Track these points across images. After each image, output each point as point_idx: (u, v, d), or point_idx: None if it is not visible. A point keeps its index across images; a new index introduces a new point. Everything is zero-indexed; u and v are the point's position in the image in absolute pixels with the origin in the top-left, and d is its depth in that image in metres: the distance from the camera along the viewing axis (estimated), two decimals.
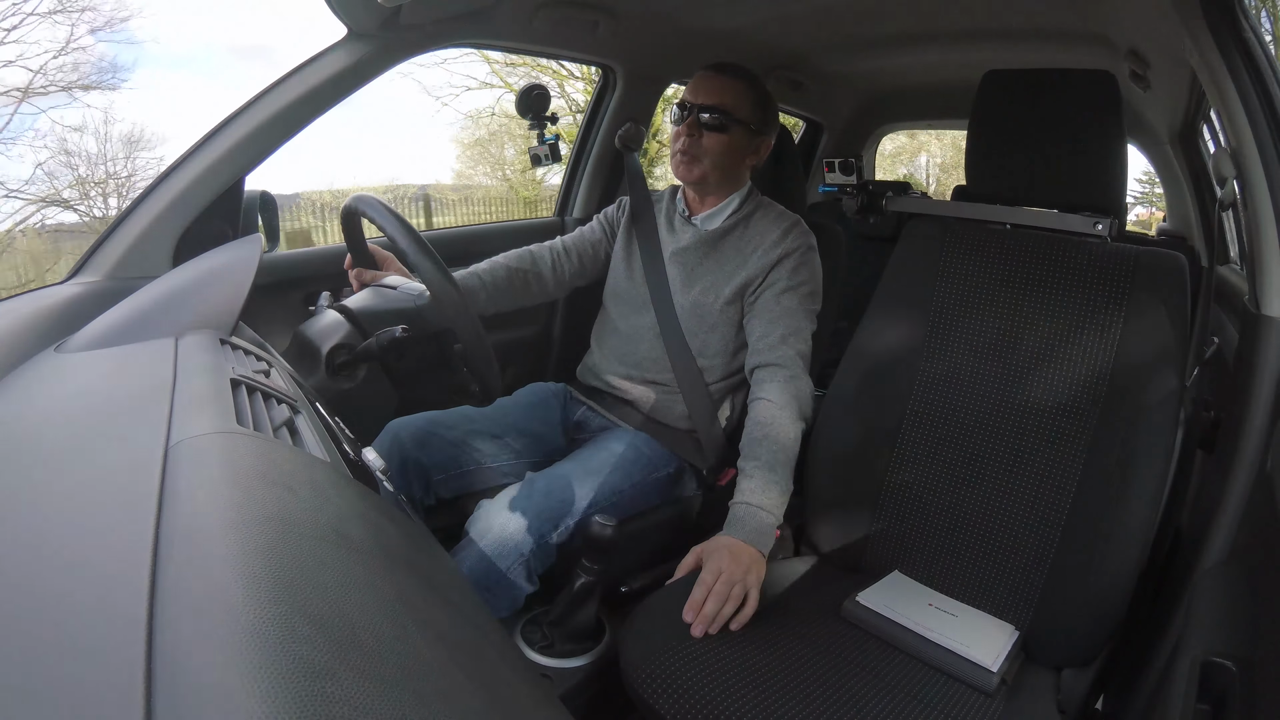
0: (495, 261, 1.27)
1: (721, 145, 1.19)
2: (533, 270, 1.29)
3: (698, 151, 1.19)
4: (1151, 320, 0.92)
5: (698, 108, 1.18)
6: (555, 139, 1.50)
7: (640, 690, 0.81)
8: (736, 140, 1.20)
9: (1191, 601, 0.75)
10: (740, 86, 1.20)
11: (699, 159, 1.19)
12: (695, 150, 1.18)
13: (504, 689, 0.40)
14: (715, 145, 1.19)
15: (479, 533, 1.00)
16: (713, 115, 1.17)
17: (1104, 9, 1.26)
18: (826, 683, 0.83)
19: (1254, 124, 0.84)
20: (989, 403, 1.03)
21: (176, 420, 0.48)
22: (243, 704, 0.25)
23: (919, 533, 1.04)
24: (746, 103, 1.20)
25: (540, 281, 1.30)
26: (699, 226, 1.26)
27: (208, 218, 1.08)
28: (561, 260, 1.32)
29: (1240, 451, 0.82)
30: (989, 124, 1.03)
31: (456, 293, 0.90)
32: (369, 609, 0.34)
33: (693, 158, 1.19)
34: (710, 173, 1.20)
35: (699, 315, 1.21)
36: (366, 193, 0.98)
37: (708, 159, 1.19)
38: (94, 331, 0.76)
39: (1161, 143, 2.07)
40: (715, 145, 1.19)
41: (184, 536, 0.35)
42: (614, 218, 1.36)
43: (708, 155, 1.19)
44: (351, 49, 1.14)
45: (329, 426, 0.65)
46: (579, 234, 1.36)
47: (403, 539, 0.50)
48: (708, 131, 1.18)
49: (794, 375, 1.10)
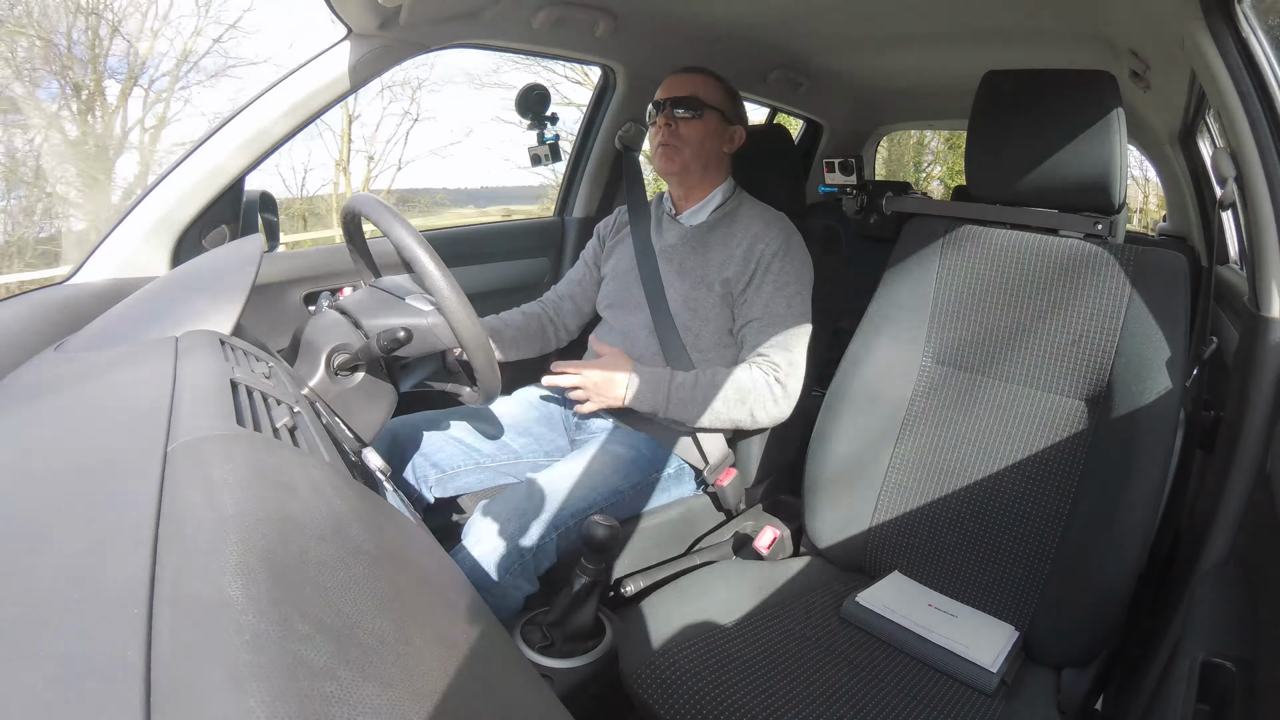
0: (507, 313, 1.36)
1: (698, 132, 1.23)
2: (545, 315, 1.38)
3: (675, 140, 1.23)
4: (1151, 320, 0.92)
5: (670, 101, 1.24)
6: (555, 139, 1.50)
7: (639, 690, 0.81)
8: (711, 126, 1.24)
9: (1191, 602, 0.75)
10: (707, 79, 1.26)
11: (679, 148, 1.24)
12: (673, 140, 1.23)
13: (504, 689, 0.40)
14: (692, 133, 1.23)
15: (479, 533, 1.00)
16: (686, 106, 1.23)
17: (1104, 9, 1.26)
18: (826, 683, 0.83)
19: (1254, 124, 0.84)
20: (988, 403, 1.03)
21: (176, 421, 0.48)
22: (242, 704, 0.25)
23: (919, 533, 1.04)
24: (716, 92, 1.25)
25: (553, 326, 1.38)
26: (684, 224, 1.30)
27: (208, 218, 1.09)
28: (564, 303, 1.40)
29: (1240, 451, 0.82)
30: (989, 124, 1.03)
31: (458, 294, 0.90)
32: (369, 609, 0.34)
33: (674, 148, 1.24)
34: (691, 161, 1.24)
35: (691, 309, 1.23)
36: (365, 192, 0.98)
37: (687, 148, 1.24)
38: (94, 331, 0.76)
39: (1161, 143, 2.06)
40: (692, 133, 1.23)
41: (184, 536, 0.35)
42: (604, 236, 1.42)
43: (686, 144, 1.23)
44: (351, 49, 1.14)
45: (329, 427, 0.65)
46: (567, 279, 1.43)
47: (403, 539, 0.50)
48: (683, 121, 1.23)
49: (777, 379, 1.16)
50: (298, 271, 1.33)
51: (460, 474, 1.19)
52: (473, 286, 1.54)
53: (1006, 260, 1.04)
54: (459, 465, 1.18)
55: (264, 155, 1.11)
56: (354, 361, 0.93)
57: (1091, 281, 0.97)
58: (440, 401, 1.24)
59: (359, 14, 1.11)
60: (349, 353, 0.94)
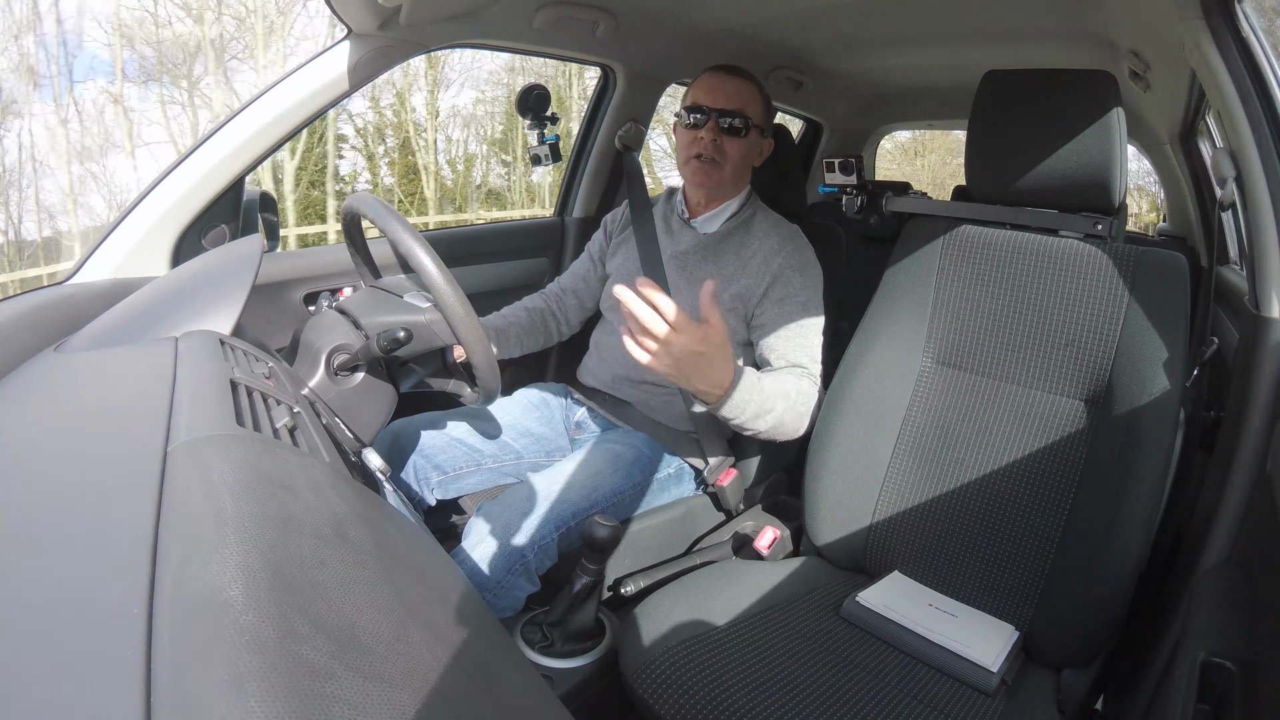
0: (510, 308, 1.33)
1: (741, 150, 1.19)
2: (548, 309, 1.35)
3: (719, 157, 1.17)
4: (1151, 320, 0.92)
5: (717, 112, 1.16)
6: (555, 139, 1.50)
7: (640, 690, 0.81)
8: (752, 144, 1.21)
9: (1191, 602, 0.75)
10: (753, 89, 1.20)
11: (721, 165, 1.18)
12: (717, 155, 1.17)
13: (504, 689, 0.40)
14: (736, 150, 1.18)
15: (479, 533, 1.00)
16: (734, 119, 1.16)
17: (1104, 9, 1.26)
18: (826, 683, 0.83)
19: (1254, 124, 0.84)
20: (988, 403, 1.03)
21: (176, 421, 0.48)
22: (242, 704, 0.25)
23: (919, 533, 1.04)
24: (759, 106, 1.20)
25: (555, 321, 1.36)
26: (698, 230, 1.27)
27: (208, 218, 1.09)
28: (566, 298, 1.38)
29: (1240, 451, 0.82)
30: (989, 124, 1.03)
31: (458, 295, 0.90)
32: (369, 609, 0.34)
33: (715, 164, 1.18)
34: (729, 179, 1.21)
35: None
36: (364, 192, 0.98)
37: (729, 164, 1.18)
38: (94, 331, 0.76)
39: (1161, 143, 2.07)
40: (736, 150, 1.18)
41: (184, 536, 0.35)
42: (610, 230, 1.39)
43: (729, 161, 1.18)
44: (351, 49, 1.14)
45: (329, 427, 0.65)
46: (571, 272, 1.40)
47: (403, 539, 0.50)
48: (728, 136, 1.17)
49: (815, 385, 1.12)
50: (298, 271, 1.33)
51: (461, 475, 1.19)
52: (473, 286, 1.54)
53: (1006, 260, 1.04)
54: (459, 466, 1.18)
55: (264, 155, 1.12)
56: (354, 362, 0.93)
57: (1091, 282, 0.97)
58: (440, 402, 1.24)
59: (359, 14, 1.11)
60: (349, 353, 0.94)
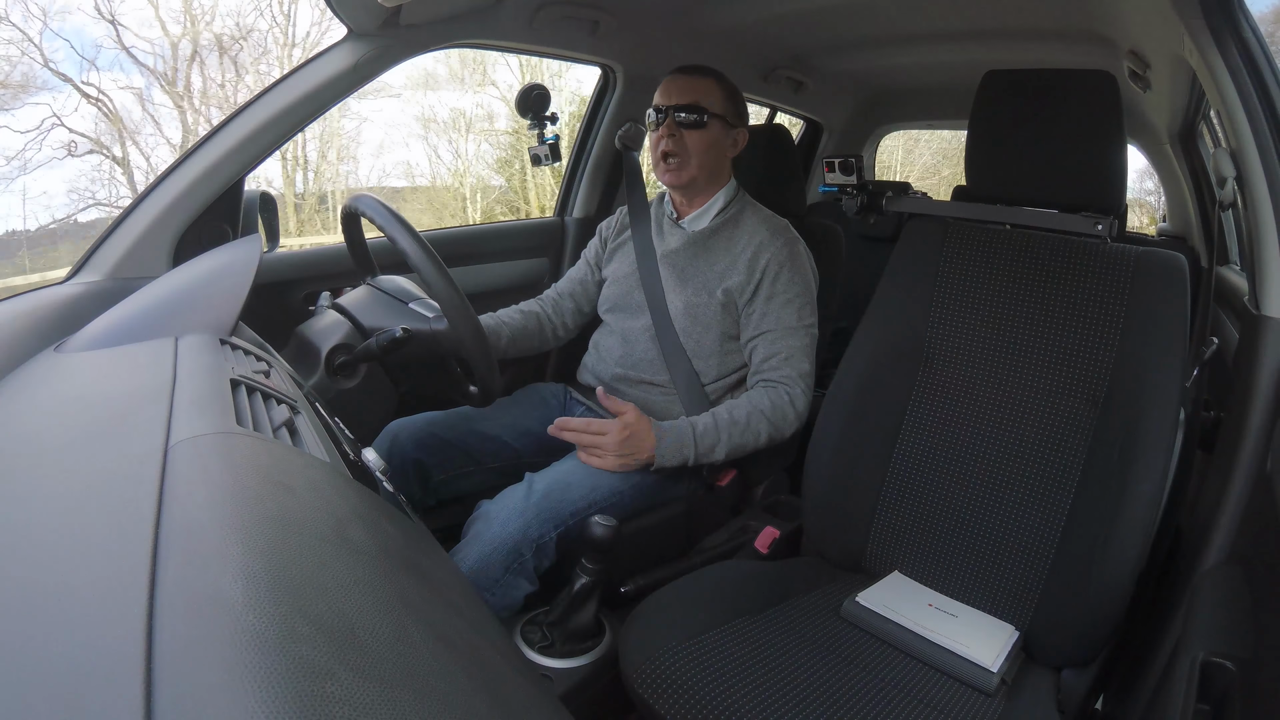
0: (505, 310, 1.33)
1: (703, 142, 1.21)
2: (542, 313, 1.35)
3: (681, 152, 1.20)
4: (1151, 320, 0.92)
5: (673, 108, 1.20)
6: (555, 139, 1.50)
7: (640, 690, 0.81)
8: (715, 135, 1.22)
9: (1191, 601, 0.75)
10: (709, 83, 1.22)
11: (685, 162, 1.21)
12: (679, 151, 1.20)
13: (504, 689, 0.40)
14: (697, 143, 1.20)
15: (479, 533, 1.00)
16: (689, 113, 1.19)
17: (1104, 9, 1.26)
18: (826, 682, 0.83)
19: (1254, 124, 0.84)
20: (988, 403, 1.03)
21: (176, 421, 0.48)
22: (242, 704, 0.25)
23: (919, 533, 1.04)
24: (719, 97, 1.22)
25: (550, 325, 1.36)
26: (686, 229, 1.28)
27: (208, 218, 1.08)
28: (564, 302, 1.38)
29: (1240, 451, 0.82)
30: (989, 124, 1.03)
31: (458, 295, 0.90)
32: (369, 609, 0.34)
33: (679, 161, 1.21)
34: (697, 173, 1.22)
35: (693, 315, 1.22)
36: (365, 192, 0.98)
37: (693, 159, 1.21)
38: (94, 331, 0.76)
39: (1161, 143, 2.06)
40: (697, 143, 1.20)
41: (184, 536, 0.35)
42: (605, 237, 1.40)
43: (692, 155, 1.20)
44: (352, 49, 1.14)
45: (329, 427, 0.65)
46: (568, 278, 1.41)
47: (403, 539, 0.50)
48: (687, 130, 1.20)
49: (792, 396, 1.15)
50: (298, 271, 1.33)
51: (460, 474, 1.18)
52: (473, 286, 1.54)
53: (1006, 260, 1.04)
54: (459, 466, 1.18)
55: (264, 155, 1.11)
56: (354, 361, 0.93)
57: (1092, 282, 0.97)
58: (440, 402, 1.24)
59: (359, 14, 1.11)
60: (349, 353, 0.94)
